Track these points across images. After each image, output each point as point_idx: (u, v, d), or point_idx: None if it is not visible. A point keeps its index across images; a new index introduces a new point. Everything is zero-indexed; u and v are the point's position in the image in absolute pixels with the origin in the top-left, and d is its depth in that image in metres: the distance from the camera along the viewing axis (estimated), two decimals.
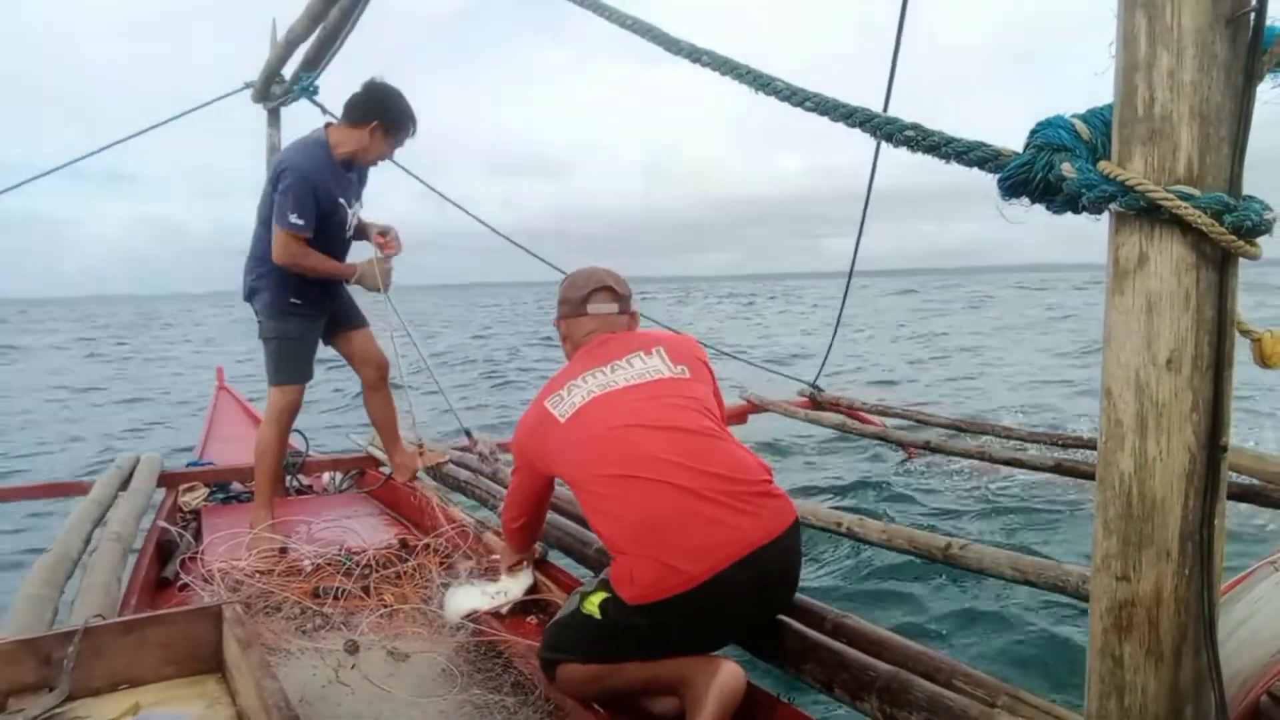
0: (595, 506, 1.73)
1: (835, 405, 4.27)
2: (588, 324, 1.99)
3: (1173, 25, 0.74)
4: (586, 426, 1.77)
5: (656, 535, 1.59)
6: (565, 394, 1.86)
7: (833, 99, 0.92)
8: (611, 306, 2.01)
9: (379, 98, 2.87)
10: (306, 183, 2.77)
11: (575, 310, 2.01)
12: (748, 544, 1.59)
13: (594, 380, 1.86)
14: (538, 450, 1.90)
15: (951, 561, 2.16)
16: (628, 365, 1.88)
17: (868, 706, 1.46)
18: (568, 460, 1.81)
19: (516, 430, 2.00)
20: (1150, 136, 0.77)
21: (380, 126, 2.86)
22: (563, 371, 1.95)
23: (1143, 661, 0.83)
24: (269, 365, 2.97)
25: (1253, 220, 0.73)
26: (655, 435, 1.70)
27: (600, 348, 1.94)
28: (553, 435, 1.82)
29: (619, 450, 1.70)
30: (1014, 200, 0.83)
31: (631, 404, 1.78)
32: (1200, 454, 0.79)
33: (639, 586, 1.60)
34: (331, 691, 1.74)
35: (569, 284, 2.07)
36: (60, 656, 1.35)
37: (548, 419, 1.84)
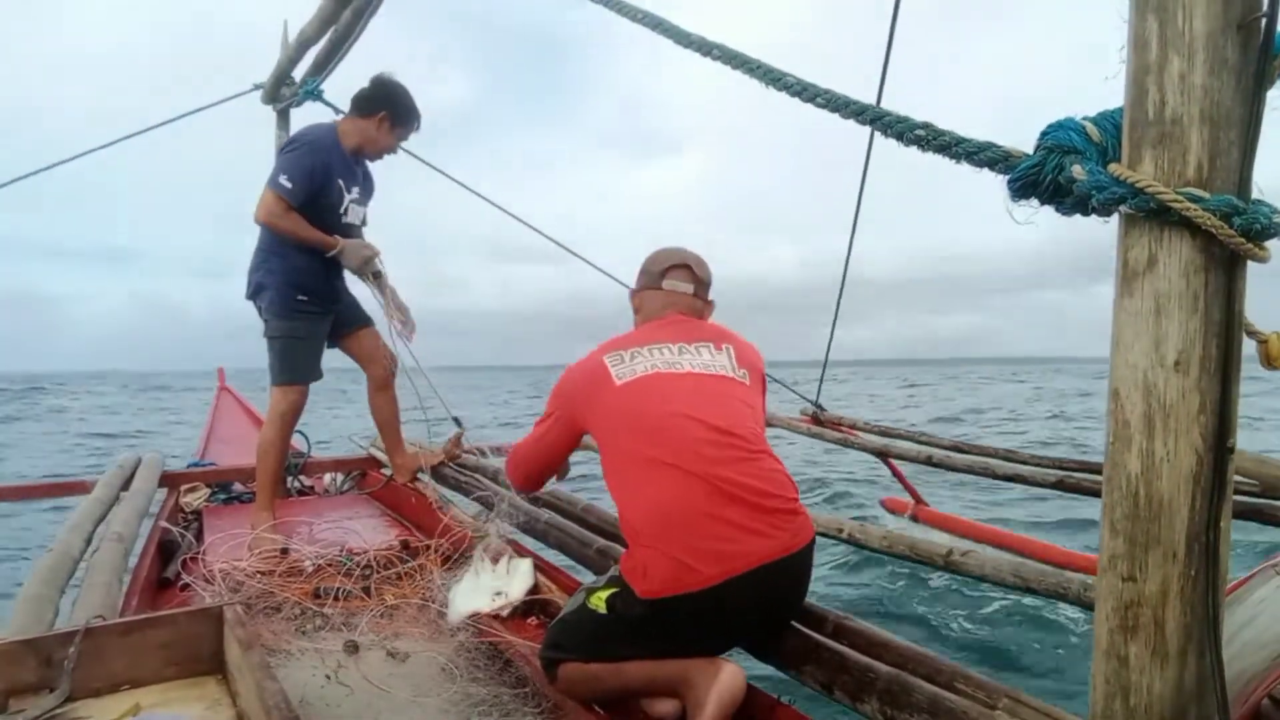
0: (626, 482, 1.70)
1: (837, 425, 4.28)
2: (661, 299, 1.96)
3: (1184, 29, 0.74)
4: (641, 399, 1.74)
5: (680, 529, 1.58)
6: (627, 357, 1.82)
7: (843, 96, 0.92)
8: (687, 286, 1.98)
9: (387, 91, 2.94)
10: (309, 152, 2.84)
11: (651, 283, 1.98)
12: (764, 556, 1.59)
13: (659, 355, 1.82)
14: (584, 401, 1.83)
15: (953, 568, 2.16)
16: (695, 353, 1.85)
17: (868, 708, 1.46)
18: (612, 425, 1.76)
19: (564, 377, 1.92)
20: (1160, 139, 0.77)
21: (387, 118, 2.93)
22: (628, 335, 1.91)
23: (1148, 662, 0.83)
24: (274, 365, 2.96)
25: (1262, 223, 0.74)
26: (704, 431, 1.67)
27: (672, 326, 1.91)
28: (605, 394, 1.78)
29: (666, 434, 1.67)
30: (1023, 201, 0.84)
31: (690, 392, 1.74)
32: (1207, 455, 0.79)
33: (652, 580, 1.59)
34: (331, 692, 1.74)
35: (652, 258, 2.04)
36: (61, 657, 1.34)
37: (604, 376, 1.80)
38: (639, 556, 1.63)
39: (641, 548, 1.63)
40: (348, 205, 2.97)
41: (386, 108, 2.93)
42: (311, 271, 2.94)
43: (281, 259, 2.91)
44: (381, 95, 2.94)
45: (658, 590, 1.59)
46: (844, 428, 4.26)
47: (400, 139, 3.04)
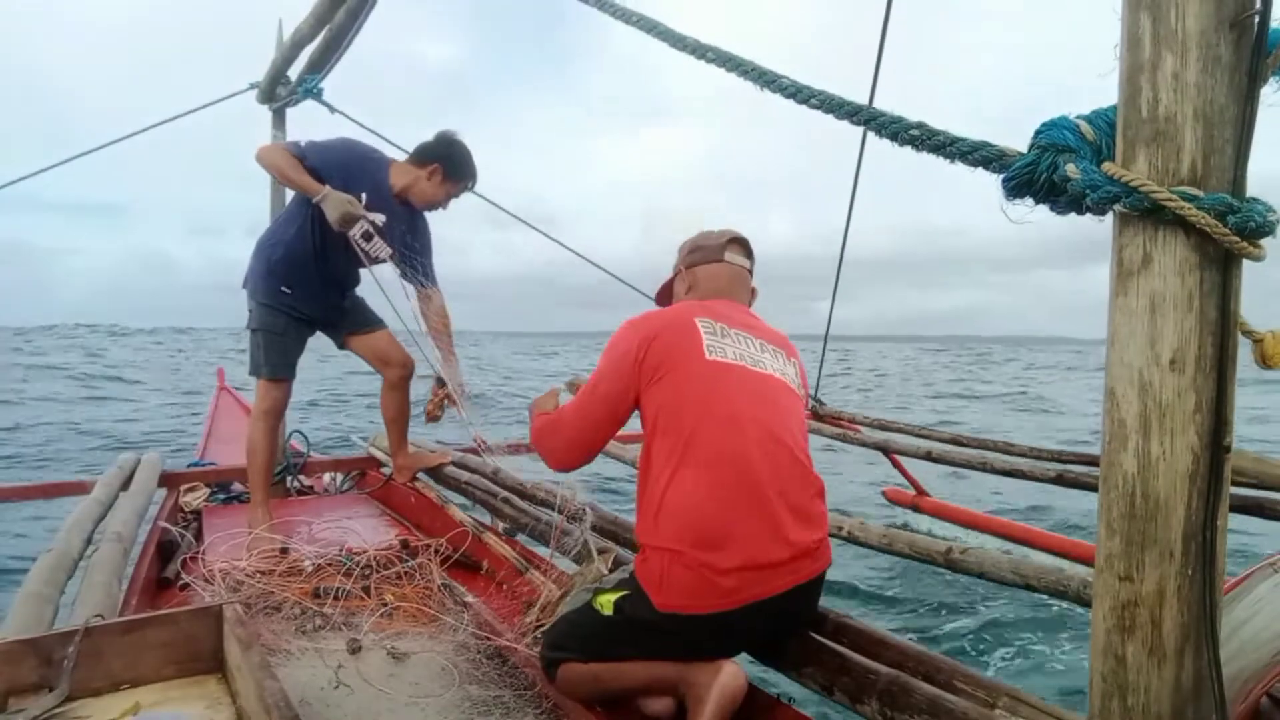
0: (673, 470, 1.57)
1: (836, 419, 4.28)
2: (722, 274, 1.86)
3: (1177, 27, 0.74)
4: (726, 386, 1.62)
5: (720, 541, 1.52)
6: (719, 331, 1.69)
7: (837, 96, 0.92)
8: (746, 261, 1.91)
9: (447, 143, 2.96)
10: (335, 142, 2.88)
11: (712, 255, 1.86)
12: (791, 583, 1.57)
13: (746, 346, 1.71)
14: (661, 348, 1.64)
15: (952, 566, 2.16)
16: (774, 355, 1.77)
17: (868, 709, 1.46)
18: (684, 398, 1.60)
19: (638, 320, 1.72)
20: (1154, 138, 0.77)
21: (440, 170, 2.92)
22: (710, 305, 1.77)
23: (1145, 661, 0.83)
24: (254, 357, 2.96)
25: (1256, 221, 0.74)
26: (777, 446, 1.60)
27: (747, 316, 1.82)
28: (688, 357, 1.63)
29: (742, 436, 1.57)
30: (1018, 200, 0.84)
31: (770, 400, 1.66)
32: (1203, 454, 0.79)
33: (672, 594, 1.54)
34: (332, 692, 1.74)
35: (702, 234, 1.93)
36: (61, 656, 1.35)
37: (694, 339, 1.65)
38: (659, 563, 1.56)
39: (664, 551, 1.55)
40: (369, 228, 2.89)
41: (441, 161, 2.92)
42: (303, 272, 2.92)
43: (282, 247, 2.92)
44: (440, 148, 2.95)
45: (676, 605, 1.54)
46: (844, 422, 4.26)
47: (450, 195, 3.01)
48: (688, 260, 1.90)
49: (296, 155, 2.79)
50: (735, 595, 1.53)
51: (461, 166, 2.97)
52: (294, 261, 2.91)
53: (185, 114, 3.82)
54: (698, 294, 1.86)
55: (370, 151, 2.98)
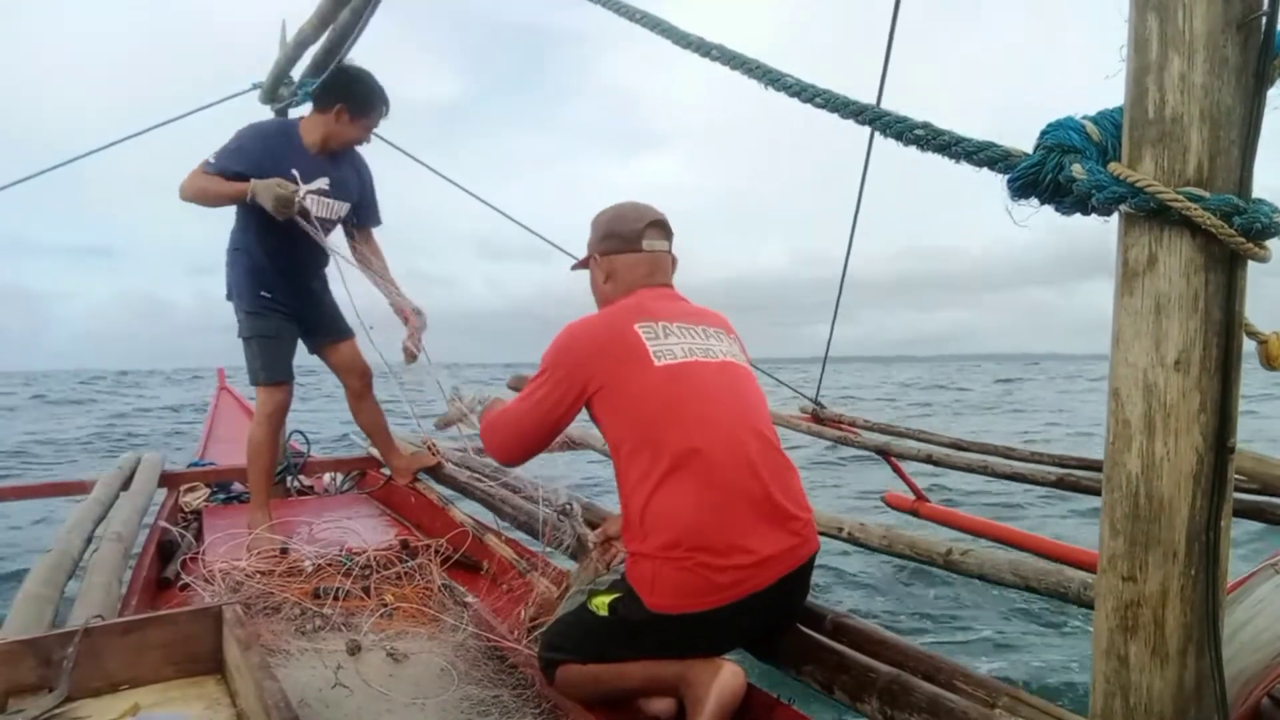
0: (650, 469, 1.54)
1: (837, 422, 4.28)
2: (642, 263, 1.78)
3: (1184, 29, 0.74)
4: (683, 388, 1.58)
5: (707, 543, 1.51)
6: (660, 332, 1.64)
7: (842, 96, 0.92)
8: (664, 243, 1.82)
9: (343, 81, 2.81)
10: (240, 135, 2.75)
11: (628, 245, 1.77)
12: (781, 572, 1.57)
13: (691, 338, 1.66)
14: (606, 369, 1.60)
15: (952, 567, 2.16)
16: (718, 339, 1.72)
17: (868, 708, 1.46)
18: (646, 412, 1.57)
19: (577, 332, 1.67)
20: (1160, 139, 0.77)
21: (345, 109, 2.79)
22: (644, 304, 1.70)
23: (1148, 661, 0.83)
24: (251, 365, 2.95)
25: (1262, 222, 0.74)
26: (747, 436, 1.58)
27: (678, 302, 1.76)
28: (638, 371, 1.59)
29: (710, 436, 1.55)
30: (1023, 201, 0.84)
31: (724, 388, 1.63)
32: (1208, 455, 0.79)
33: (663, 595, 1.54)
34: (331, 692, 1.73)
35: (615, 216, 1.81)
36: (60, 657, 1.34)
37: (638, 349, 1.60)
38: (649, 566, 1.55)
39: (653, 558, 1.54)
40: (305, 194, 2.80)
41: (343, 99, 2.79)
42: (273, 271, 2.89)
43: (245, 255, 2.89)
44: (337, 86, 2.81)
45: (669, 605, 1.54)
46: (844, 425, 4.26)
47: (366, 129, 2.88)
48: (603, 247, 1.80)
49: (214, 172, 2.71)
50: (731, 590, 1.53)
51: (365, 99, 2.82)
52: (263, 264, 2.88)
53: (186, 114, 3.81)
54: (617, 284, 1.78)
55: (278, 125, 2.87)
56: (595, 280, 1.85)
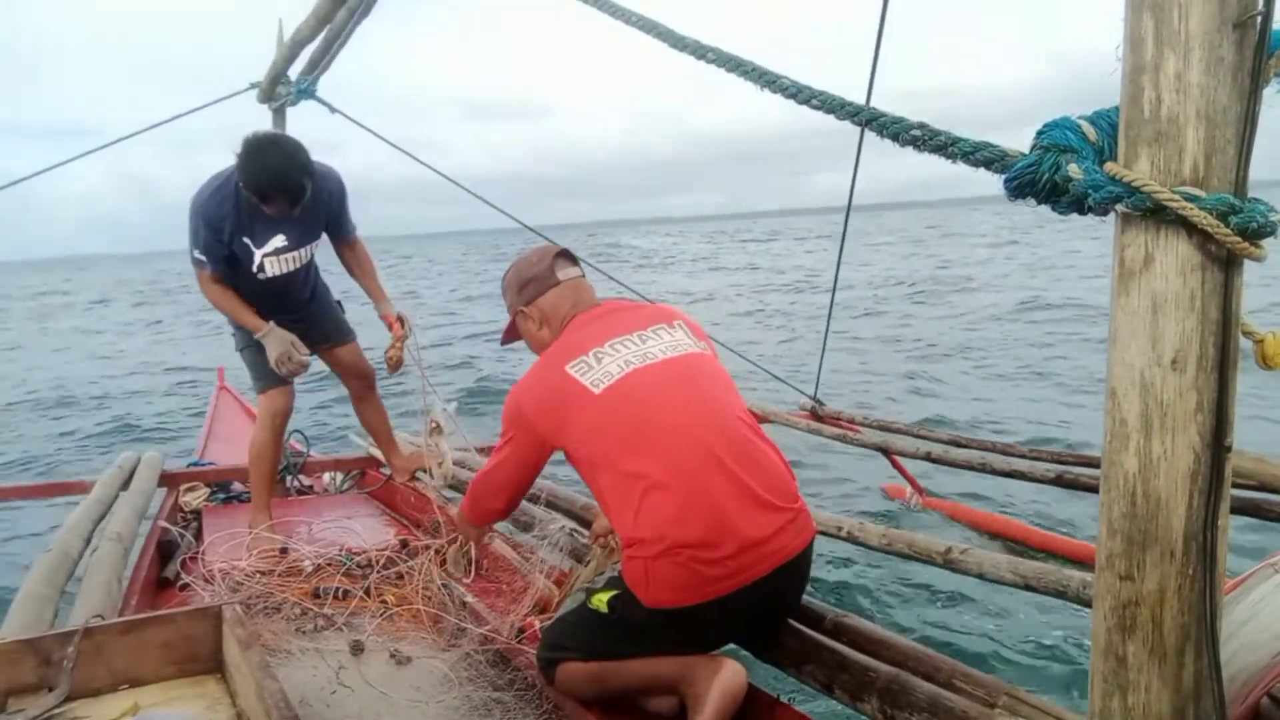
0: (629, 499, 1.56)
1: (836, 420, 4.29)
2: (565, 295, 1.80)
3: (1180, 28, 0.74)
4: (630, 404, 1.59)
5: (688, 537, 1.51)
6: (592, 361, 1.65)
7: (838, 97, 0.92)
8: (577, 270, 1.87)
9: (245, 160, 2.53)
10: (194, 216, 2.66)
11: (546, 284, 1.80)
12: (775, 562, 1.56)
13: (626, 349, 1.67)
14: (556, 422, 1.65)
15: (952, 566, 2.16)
16: (657, 336, 1.72)
17: (868, 707, 1.46)
18: (602, 442, 1.60)
19: (520, 396, 1.72)
20: (1156, 138, 0.77)
21: (246, 189, 2.57)
22: (573, 337, 1.73)
23: (1146, 661, 0.83)
24: (250, 375, 2.96)
25: (1258, 222, 0.74)
26: (706, 426, 1.58)
27: (611, 315, 1.77)
28: (583, 408, 1.61)
29: (669, 440, 1.56)
30: (1020, 200, 0.84)
31: (676, 383, 1.64)
32: (1204, 454, 0.79)
33: (659, 590, 1.54)
34: (332, 692, 1.74)
35: (520, 266, 1.86)
36: (60, 656, 1.35)
37: (575, 389, 1.62)
38: (642, 567, 1.56)
39: (644, 559, 1.55)
40: (261, 261, 2.73)
41: (242, 181, 2.55)
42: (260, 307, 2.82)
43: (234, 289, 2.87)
44: (240, 166, 2.53)
45: (665, 601, 1.55)
46: (843, 423, 4.27)
47: (276, 211, 2.60)
48: (524, 297, 1.83)
49: (215, 276, 2.70)
50: (726, 582, 1.52)
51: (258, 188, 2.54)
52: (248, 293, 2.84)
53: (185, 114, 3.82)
54: (552, 325, 1.80)
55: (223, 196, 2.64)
56: (530, 333, 1.86)
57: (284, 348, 2.70)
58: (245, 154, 2.52)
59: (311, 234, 2.85)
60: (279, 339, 2.71)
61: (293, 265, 2.83)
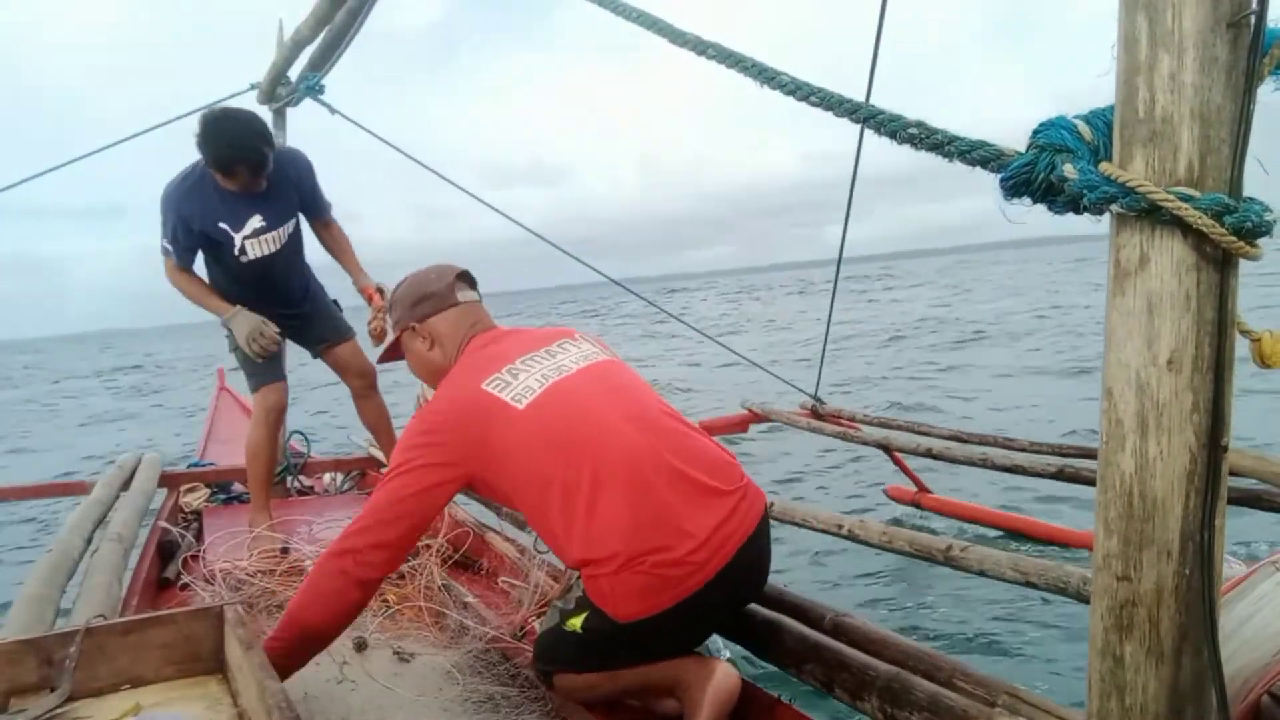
0: (572, 516, 1.50)
1: (836, 419, 4.29)
2: (462, 316, 1.76)
3: (1173, 28, 0.74)
4: (556, 417, 1.54)
5: (645, 544, 1.47)
6: (508, 377, 1.58)
7: (837, 94, 0.92)
8: (475, 294, 1.83)
9: (204, 133, 2.53)
10: (166, 208, 2.67)
11: (444, 303, 1.75)
12: (736, 541, 1.54)
13: (540, 364, 1.62)
14: (477, 442, 1.53)
15: (952, 563, 2.16)
16: (564, 350, 1.68)
17: (868, 706, 1.47)
18: (531, 459, 1.52)
19: (430, 420, 1.59)
20: (1151, 138, 0.77)
21: (208, 165, 2.59)
22: (478, 356, 1.66)
23: (1143, 661, 0.83)
24: (244, 372, 2.96)
25: (1253, 221, 0.74)
26: (637, 428, 1.55)
27: (511, 336, 1.73)
28: (506, 425, 1.53)
29: (603, 447, 1.51)
30: (1016, 200, 0.84)
31: (599, 391, 1.60)
32: (1201, 454, 0.79)
33: (627, 605, 1.50)
34: (334, 690, 1.74)
35: (417, 281, 1.79)
36: (61, 657, 1.35)
37: (495, 406, 1.54)
38: (604, 584, 1.51)
39: (605, 576, 1.50)
40: (242, 244, 2.75)
41: (203, 155, 2.57)
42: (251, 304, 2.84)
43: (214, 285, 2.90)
44: (199, 141, 2.53)
45: (637, 612, 1.51)
46: (844, 421, 4.27)
47: (242, 185, 2.62)
48: (416, 314, 1.75)
49: (179, 265, 2.72)
50: (692, 579, 1.49)
51: (217, 159, 2.55)
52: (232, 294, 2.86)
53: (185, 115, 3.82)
54: (445, 347, 1.73)
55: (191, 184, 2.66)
56: (418, 354, 1.77)
57: (251, 325, 2.71)
58: (203, 130, 2.54)
59: (287, 213, 2.86)
60: (245, 319, 2.72)
61: (274, 245, 2.84)
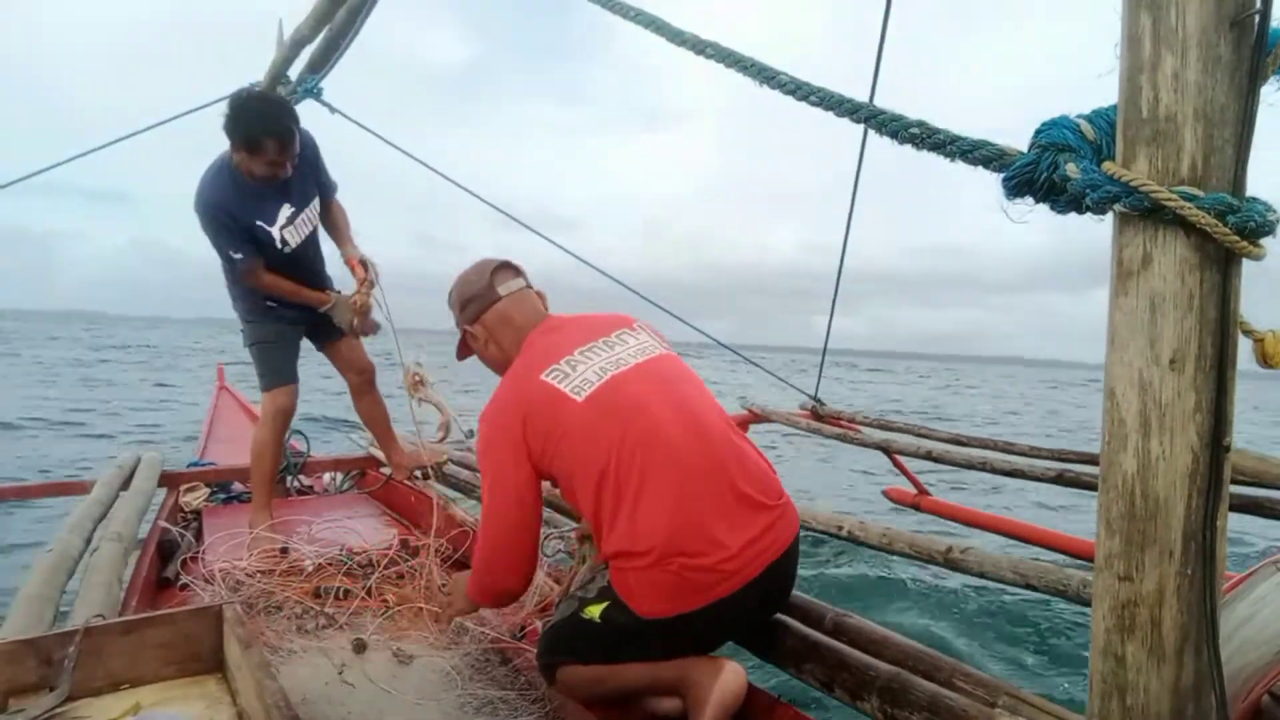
0: (615, 505, 1.53)
1: (836, 420, 4.29)
2: (511, 310, 1.77)
3: (1177, 27, 0.74)
4: (613, 411, 1.55)
5: (679, 546, 1.49)
6: (567, 369, 1.61)
7: (837, 94, 0.91)
8: (520, 281, 1.81)
9: (232, 112, 2.56)
10: (215, 217, 2.67)
11: (488, 300, 1.76)
12: (768, 559, 1.56)
13: (599, 356, 1.63)
14: (542, 434, 1.56)
15: (952, 565, 2.16)
16: (623, 342, 1.69)
17: (868, 706, 1.46)
18: (585, 448, 1.54)
19: (494, 418, 1.62)
20: (1154, 137, 0.77)
21: (238, 146, 2.59)
22: (537, 349, 1.68)
23: (1145, 661, 0.83)
24: (257, 372, 2.97)
25: (1256, 221, 0.73)
26: (685, 432, 1.56)
27: (570, 325, 1.73)
28: (567, 417, 1.56)
29: (655, 446, 1.53)
30: (1018, 200, 0.84)
31: (654, 387, 1.61)
32: (1203, 454, 0.79)
33: (653, 602, 1.53)
34: (333, 691, 1.74)
35: (461, 283, 1.81)
36: (61, 656, 1.35)
37: (556, 396, 1.56)
38: (632, 579, 1.54)
39: (634, 570, 1.53)
40: (279, 235, 2.77)
41: (232, 135, 2.58)
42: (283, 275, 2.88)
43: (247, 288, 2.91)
44: (228, 119, 2.56)
45: (659, 611, 1.54)
46: (844, 422, 4.27)
47: (270, 164, 2.60)
48: (467, 316, 1.79)
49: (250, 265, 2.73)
50: (718, 587, 1.51)
51: (248, 136, 2.55)
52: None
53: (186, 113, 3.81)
54: (501, 341, 1.76)
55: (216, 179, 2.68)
56: (479, 351, 1.83)
57: (347, 314, 2.86)
58: (233, 108, 2.58)
59: (309, 193, 2.88)
60: (345, 305, 2.88)
61: (307, 228, 2.88)
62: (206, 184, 2.70)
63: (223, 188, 2.67)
